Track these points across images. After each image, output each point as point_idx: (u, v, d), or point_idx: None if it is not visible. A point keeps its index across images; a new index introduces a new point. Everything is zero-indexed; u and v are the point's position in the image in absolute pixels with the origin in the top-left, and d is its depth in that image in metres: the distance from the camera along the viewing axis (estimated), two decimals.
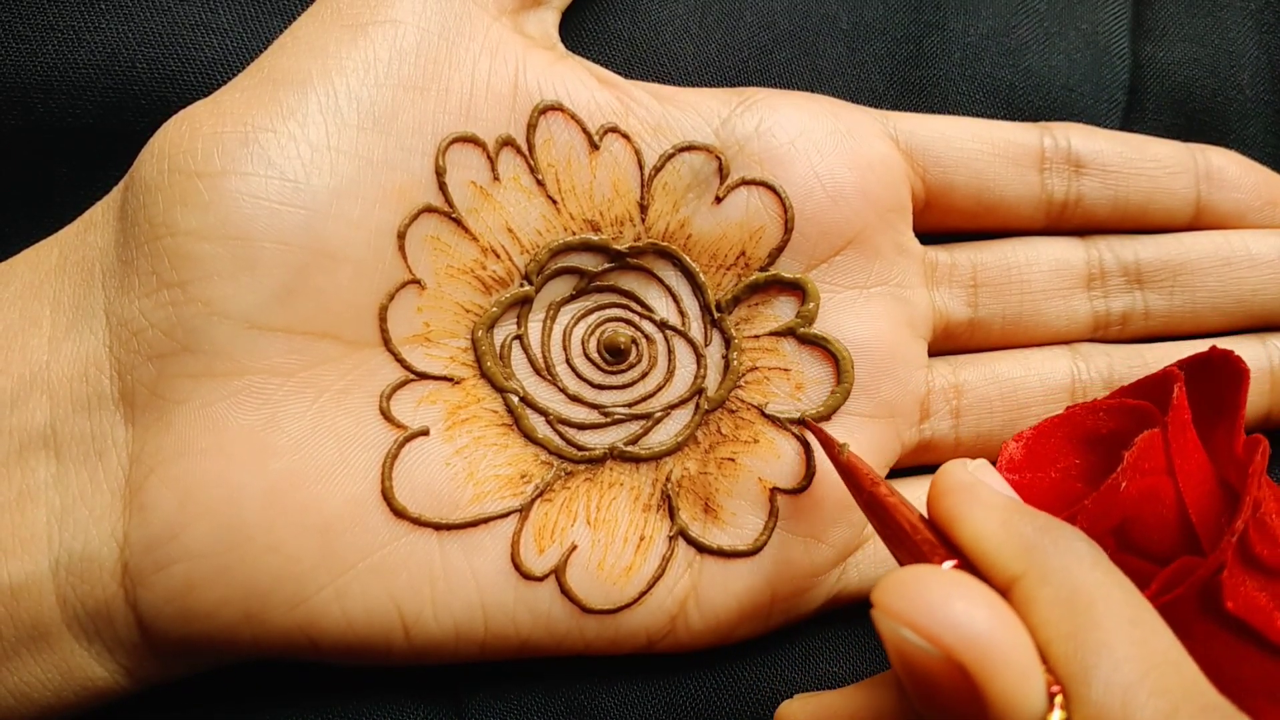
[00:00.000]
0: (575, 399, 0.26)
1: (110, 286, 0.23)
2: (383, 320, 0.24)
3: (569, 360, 0.26)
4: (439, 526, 0.24)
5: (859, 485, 0.23)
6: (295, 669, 0.25)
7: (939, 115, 0.28)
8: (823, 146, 0.26)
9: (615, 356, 0.26)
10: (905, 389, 0.27)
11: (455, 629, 0.24)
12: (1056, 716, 0.17)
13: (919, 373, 0.27)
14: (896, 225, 0.27)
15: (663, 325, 0.27)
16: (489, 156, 0.25)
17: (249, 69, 0.25)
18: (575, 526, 0.25)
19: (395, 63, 0.24)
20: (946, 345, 0.28)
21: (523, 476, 0.25)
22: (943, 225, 0.28)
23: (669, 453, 0.26)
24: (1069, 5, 0.31)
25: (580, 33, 0.28)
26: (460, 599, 0.24)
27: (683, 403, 0.26)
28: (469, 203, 0.25)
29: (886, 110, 0.28)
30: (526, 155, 0.25)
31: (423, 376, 0.25)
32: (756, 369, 0.26)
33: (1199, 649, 0.20)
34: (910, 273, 0.27)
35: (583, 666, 0.26)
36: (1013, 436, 0.24)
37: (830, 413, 0.26)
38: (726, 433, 0.26)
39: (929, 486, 0.21)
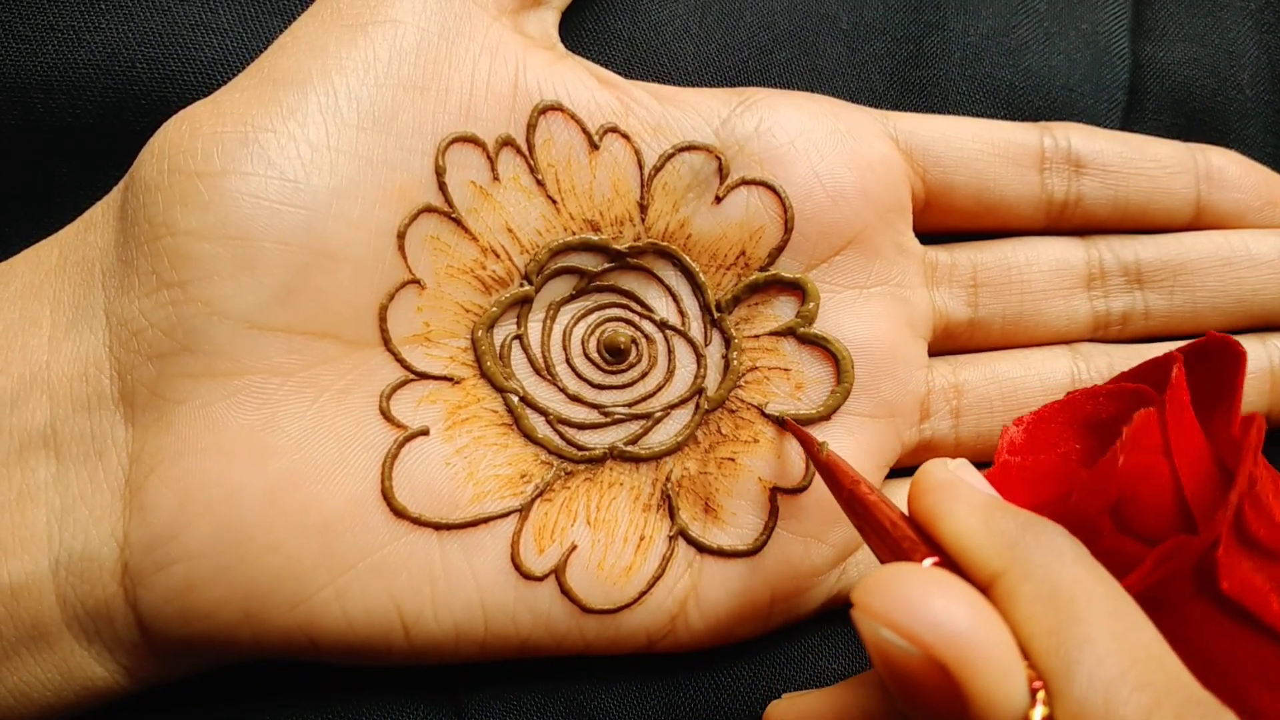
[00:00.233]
0: (575, 399, 0.26)
1: (110, 286, 0.23)
2: (383, 320, 0.24)
3: (569, 360, 0.26)
4: (439, 526, 0.24)
5: (839, 484, 0.23)
6: (295, 669, 0.25)
7: (939, 115, 0.28)
8: (823, 146, 0.26)
9: (615, 356, 0.26)
10: (905, 389, 0.27)
11: (455, 629, 0.24)
12: (1039, 713, 0.17)
13: (919, 372, 0.27)
14: (896, 225, 0.27)
15: (663, 325, 0.27)
16: (489, 156, 0.25)
17: (249, 69, 0.25)
18: (575, 526, 0.25)
19: (395, 63, 0.24)
20: (946, 345, 0.28)
21: (523, 476, 0.25)
22: (943, 225, 0.28)
23: (669, 452, 0.26)
24: (1069, 5, 0.31)
25: (580, 33, 0.28)
26: (460, 599, 0.24)
27: (683, 402, 0.26)
28: (469, 203, 0.25)
29: (886, 110, 0.28)
30: (526, 155, 0.25)
31: (423, 376, 0.25)
32: (756, 369, 0.26)
33: (1193, 631, 0.20)
34: (910, 273, 0.27)
35: (583, 666, 0.26)
36: (1013, 421, 0.24)
37: (830, 412, 0.26)
38: (726, 432, 0.26)
39: (909, 485, 0.21)
